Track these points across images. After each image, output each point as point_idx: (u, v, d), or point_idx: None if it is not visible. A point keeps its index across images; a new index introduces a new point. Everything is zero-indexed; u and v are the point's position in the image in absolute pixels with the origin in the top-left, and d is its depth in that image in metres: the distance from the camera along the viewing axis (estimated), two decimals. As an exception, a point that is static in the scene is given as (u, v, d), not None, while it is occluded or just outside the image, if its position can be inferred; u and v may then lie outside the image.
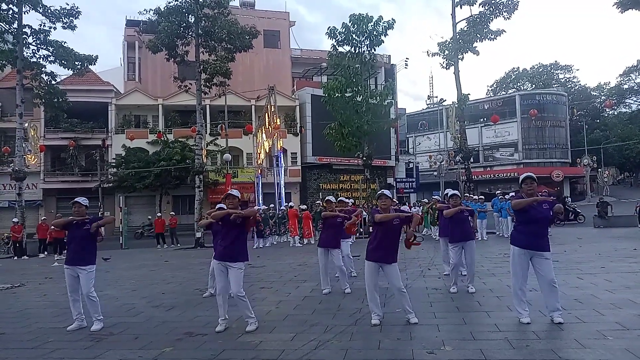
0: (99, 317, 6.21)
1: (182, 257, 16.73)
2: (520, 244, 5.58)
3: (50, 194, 33.77)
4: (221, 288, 5.93)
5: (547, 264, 5.47)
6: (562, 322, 5.31)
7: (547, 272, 5.44)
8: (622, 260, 10.14)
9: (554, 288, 5.44)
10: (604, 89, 74.26)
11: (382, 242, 5.79)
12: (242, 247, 5.95)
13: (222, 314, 5.88)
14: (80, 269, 6.20)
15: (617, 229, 19.01)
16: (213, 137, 33.71)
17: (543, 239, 5.52)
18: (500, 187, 44.72)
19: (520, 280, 5.55)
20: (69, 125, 33.06)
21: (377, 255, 5.80)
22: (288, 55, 41.47)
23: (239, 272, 5.81)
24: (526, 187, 5.61)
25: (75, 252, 6.34)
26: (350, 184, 35.87)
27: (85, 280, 6.17)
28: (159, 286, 9.83)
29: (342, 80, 21.53)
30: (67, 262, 6.33)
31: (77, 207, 6.41)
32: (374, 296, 5.83)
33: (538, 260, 5.49)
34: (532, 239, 5.51)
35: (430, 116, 62.48)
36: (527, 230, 5.57)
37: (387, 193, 6.02)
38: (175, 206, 33.18)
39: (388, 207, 5.94)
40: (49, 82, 24.59)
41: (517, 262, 5.59)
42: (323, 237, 8.23)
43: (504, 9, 22.94)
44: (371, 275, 5.83)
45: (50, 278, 12.15)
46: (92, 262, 6.33)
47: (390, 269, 5.76)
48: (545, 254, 5.48)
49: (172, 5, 22.44)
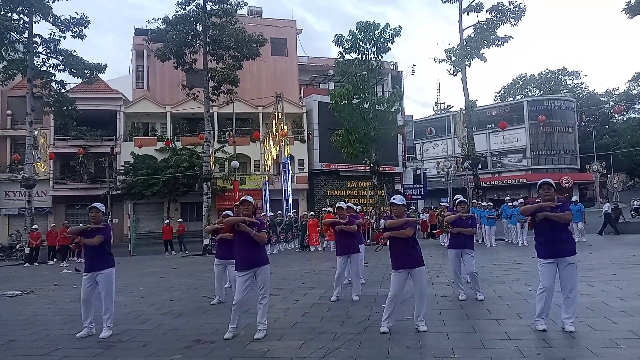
0: (110, 324, 6.23)
1: (190, 264, 16.75)
2: (544, 255, 5.49)
3: (60, 201, 33.99)
4: (241, 299, 5.83)
5: (570, 269, 5.38)
6: (573, 330, 5.24)
7: (568, 277, 5.37)
8: (633, 267, 10.03)
9: (573, 295, 5.37)
10: (612, 94, 73.85)
11: (403, 248, 5.75)
12: (264, 250, 6.16)
13: (233, 322, 5.86)
14: (99, 273, 6.28)
15: (627, 235, 18.82)
16: (221, 144, 33.86)
17: (565, 244, 5.42)
18: (508, 193, 44.53)
19: (548, 290, 5.44)
20: (78, 133, 33.31)
21: (402, 262, 5.76)
22: (295, 63, 41.64)
23: (269, 274, 5.96)
24: (543, 192, 5.53)
25: (92, 259, 6.42)
26: (357, 191, 35.81)
27: (106, 284, 6.28)
28: (167, 293, 9.85)
29: (349, 87, 21.56)
30: (87, 269, 6.39)
31: (95, 212, 6.46)
32: (393, 305, 5.76)
33: (562, 265, 5.41)
34: (554, 246, 5.42)
35: (438, 122, 62.46)
36: (547, 239, 5.47)
37: (397, 201, 5.95)
38: (183, 213, 33.28)
39: (401, 214, 5.89)
40: (59, 91, 24.85)
41: (544, 274, 5.50)
42: (341, 244, 8.19)
43: (511, 15, 22.87)
44: (398, 285, 5.77)
45: (59, 285, 12.21)
46: (111, 265, 6.41)
47: (418, 272, 5.73)
48: (569, 259, 5.38)
49: (180, 14, 22.62)
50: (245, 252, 5.87)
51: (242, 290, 5.82)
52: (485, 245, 16.84)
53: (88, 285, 6.31)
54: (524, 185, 54.78)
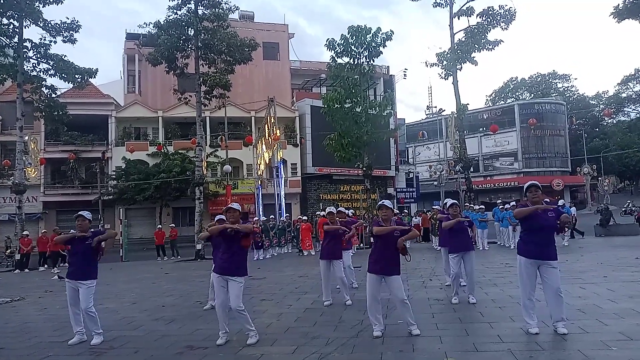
0: (99, 331, 6.16)
1: (183, 270, 16.66)
2: (526, 254, 5.52)
3: (51, 207, 33.73)
4: (221, 302, 5.86)
5: (554, 273, 5.41)
6: (566, 332, 5.26)
7: (553, 281, 5.39)
8: (624, 269, 10.10)
9: (560, 298, 5.39)
10: (602, 97, 74.58)
11: (383, 253, 5.78)
12: (242, 261, 5.91)
13: (222, 327, 5.83)
14: (81, 283, 6.16)
15: (618, 237, 18.96)
16: (213, 148, 33.77)
17: (550, 248, 5.47)
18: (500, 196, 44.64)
19: (529, 290, 5.49)
20: (69, 138, 33.10)
21: (378, 267, 5.78)
22: (287, 67, 41.69)
23: (238, 286, 5.75)
24: (531, 195, 5.58)
25: (76, 267, 6.33)
26: (350, 195, 35.84)
27: (84, 295, 6.12)
28: (159, 299, 9.78)
29: (341, 91, 21.60)
30: (69, 276, 6.31)
31: (81, 220, 6.39)
32: (374, 308, 5.79)
33: (545, 269, 5.44)
34: (538, 248, 5.45)
35: (430, 126, 62.62)
36: (533, 240, 5.51)
37: (387, 204, 6.00)
38: (175, 218, 33.13)
39: (389, 217, 5.93)
40: (49, 96, 24.69)
41: (524, 273, 5.53)
42: (325, 248, 8.22)
43: (502, 19, 23.07)
44: (372, 287, 5.80)
45: (50, 291, 12.11)
46: (93, 277, 6.29)
47: (393, 281, 5.72)
48: (552, 263, 5.42)
49: (171, 19, 22.57)
50: (223, 260, 5.84)
51: (220, 293, 5.82)
52: (478, 248, 16.87)
53: (71, 292, 6.23)
54: (515, 188, 55.01)
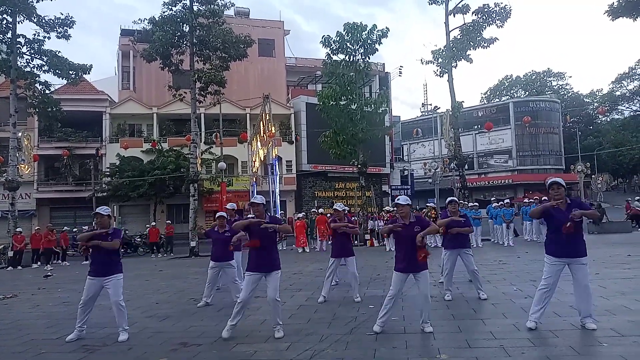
0: (126, 327, 6.16)
1: (177, 267, 16.64)
2: (555, 254, 5.48)
3: (44, 204, 33.53)
4: (246, 297, 5.84)
5: (583, 270, 5.40)
6: (595, 328, 5.27)
7: (582, 277, 5.39)
8: (616, 267, 10.17)
9: (588, 294, 5.40)
10: (596, 95, 74.87)
11: (408, 251, 5.68)
12: (277, 255, 6.06)
13: (233, 319, 5.84)
14: (108, 279, 6.14)
15: (611, 235, 19.09)
16: (208, 145, 33.66)
17: (577, 245, 5.42)
18: (494, 194, 44.90)
19: (550, 288, 5.47)
20: (63, 135, 32.89)
21: (404, 265, 5.73)
22: (283, 64, 41.58)
23: (278, 278, 5.91)
24: (553, 192, 5.52)
25: (101, 264, 6.23)
26: (345, 192, 35.86)
27: (114, 289, 6.13)
28: (153, 296, 9.77)
29: (336, 88, 21.60)
30: (92, 274, 6.23)
31: (99, 217, 6.33)
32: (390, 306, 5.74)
33: (574, 266, 5.42)
34: (565, 246, 5.41)
35: (425, 124, 62.78)
36: (559, 239, 5.44)
37: (402, 201, 5.86)
38: (169, 215, 33.01)
39: (407, 214, 5.82)
40: (43, 92, 24.50)
41: (550, 271, 5.50)
42: (337, 246, 8.26)
43: (497, 17, 23.14)
44: (397, 285, 5.77)
45: (43, 289, 12.05)
46: (119, 271, 6.28)
47: (421, 276, 5.69)
48: (582, 260, 5.39)
49: (166, 15, 22.47)
50: (261, 256, 5.87)
51: (250, 288, 5.83)
52: (472, 246, 16.95)
53: (92, 290, 6.19)
54: (510, 185, 55.37)
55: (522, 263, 11.97)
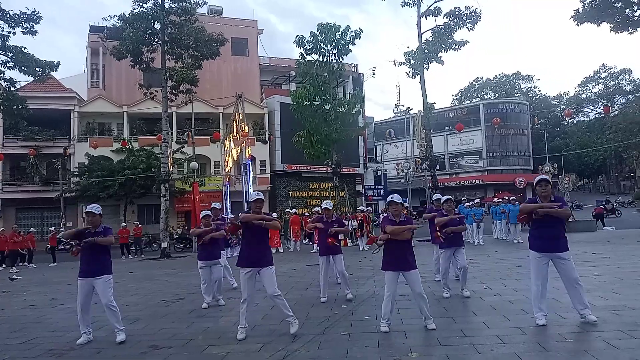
0: (121, 327, 6.03)
1: (147, 268, 16.36)
2: (537, 248, 5.60)
3: (10, 205, 32.56)
4: (248, 296, 5.84)
5: (568, 264, 5.51)
6: (595, 320, 5.37)
7: (568, 272, 5.51)
8: (581, 265, 10.44)
9: (579, 287, 5.50)
10: (563, 98, 77.06)
11: (399, 250, 5.76)
12: (269, 251, 6.12)
13: (243, 322, 5.81)
14: (97, 279, 5.97)
15: (576, 233, 19.61)
16: (179, 145, 33.14)
17: (559, 240, 5.54)
18: (466, 193, 45.62)
19: (540, 284, 5.58)
20: (30, 133, 32.01)
21: (395, 264, 5.79)
22: (256, 63, 41.35)
23: (273, 273, 5.89)
24: (540, 189, 5.62)
25: (89, 264, 6.04)
26: (319, 192, 35.91)
27: (103, 290, 5.97)
28: (122, 298, 9.56)
29: (310, 88, 21.59)
30: (81, 274, 6.05)
31: (91, 216, 6.16)
32: (391, 304, 5.78)
33: (557, 262, 5.55)
34: (548, 242, 5.53)
35: (398, 124, 63.42)
36: (541, 234, 5.57)
37: (396, 199, 5.96)
38: (140, 216, 32.45)
39: (399, 213, 5.90)
40: (8, 89, 23.66)
41: (536, 267, 5.62)
42: (325, 245, 8.26)
43: (468, 20, 23.50)
44: (391, 284, 5.82)
45: (8, 292, 11.70)
46: (108, 272, 6.11)
47: (411, 275, 5.75)
48: (563, 255, 5.51)
49: (137, 12, 22.09)
50: (254, 251, 5.88)
51: (249, 287, 5.83)
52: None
53: (84, 291, 6.02)
54: (480, 185, 56.45)
55: (491, 262, 12.19)
